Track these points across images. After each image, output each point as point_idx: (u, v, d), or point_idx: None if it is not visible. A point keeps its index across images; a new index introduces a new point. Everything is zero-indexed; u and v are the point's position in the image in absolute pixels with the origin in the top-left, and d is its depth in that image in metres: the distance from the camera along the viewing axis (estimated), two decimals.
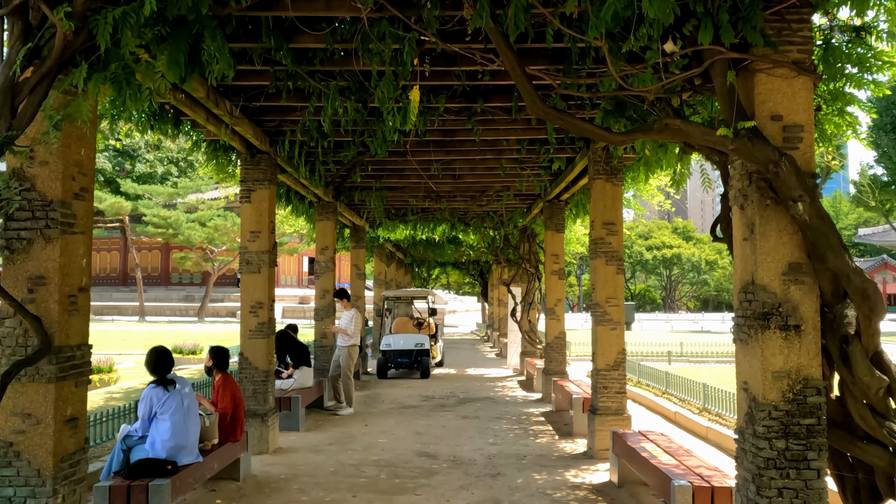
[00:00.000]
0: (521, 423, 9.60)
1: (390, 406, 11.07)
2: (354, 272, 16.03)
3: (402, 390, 13.03)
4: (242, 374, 7.74)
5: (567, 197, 11.44)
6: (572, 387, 9.74)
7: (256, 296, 7.78)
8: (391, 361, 15.25)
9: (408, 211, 13.69)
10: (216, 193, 45.25)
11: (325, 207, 11.84)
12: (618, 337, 7.69)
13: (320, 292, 11.94)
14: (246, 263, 7.83)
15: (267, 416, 7.66)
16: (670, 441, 6.12)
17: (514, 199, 12.59)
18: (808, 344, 3.60)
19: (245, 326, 7.78)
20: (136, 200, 44.99)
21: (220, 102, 6.13)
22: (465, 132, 7.91)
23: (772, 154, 3.34)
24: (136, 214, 45.47)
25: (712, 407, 9.31)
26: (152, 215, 43.14)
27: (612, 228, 7.75)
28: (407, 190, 11.61)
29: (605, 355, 7.65)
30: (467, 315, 55.95)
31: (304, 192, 10.81)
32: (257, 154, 7.85)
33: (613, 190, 7.78)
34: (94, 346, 4.14)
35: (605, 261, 7.72)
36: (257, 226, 7.84)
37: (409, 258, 27.90)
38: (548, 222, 11.87)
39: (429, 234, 16.96)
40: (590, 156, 7.92)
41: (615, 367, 7.65)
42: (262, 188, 7.86)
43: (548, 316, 11.87)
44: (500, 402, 11.52)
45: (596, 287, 7.74)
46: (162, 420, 5.23)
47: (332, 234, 11.89)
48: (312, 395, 9.81)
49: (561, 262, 11.87)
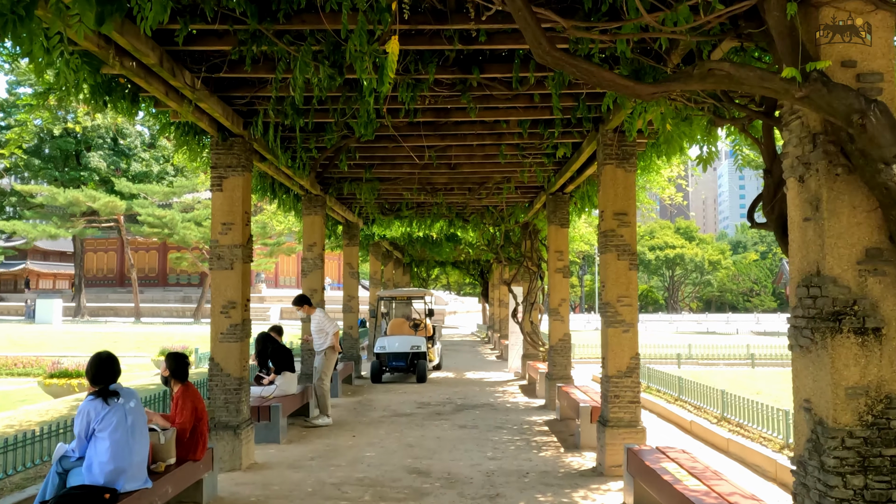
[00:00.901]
0: (522, 434, 8.81)
1: (382, 414, 10.28)
2: (347, 271, 15.25)
3: (396, 396, 12.24)
4: (213, 381, 6.95)
5: (572, 189, 10.65)
6: (578, 394, 8.95)
7: (229, 295, 7.00)
8: (385, 365, 14.46)
9: (402, 206, 12.91)
10: None
11: (313, 201, 11.06)
12: (631, 340, 6.90)
13: (308, 291, 11.14)
14: (217, 259, 7.05)
15: (240, 429, 6.87)
16: (694, 460, 5.32)
17: (515, 192, 11.80)
18: (892, 352, 2.81)
19: (216, 329, 7.00)
20: (131, 200, 44.26)
21: (178, 72, 5.35)
22: (460, 112, 7.12)
23: (856, 101, 2.55)
24: (132, 214, 44.75)
25: (732, 416, 8.51)
26: (147, 215, 42.35)
27: (624, 219, 6.96)
28: (400, 182, 10.83)
29: (617, 360, 6.86)
30: (468, 316, 55.16)
31: (290, 183, 10.03)
32: (230, 137, 7.07)
33: (625, 176, 6.99)
34: (80, 349, 3.36)
35: (617, 255, 6.93)
36: (230, 217, 7.06)
37: (407, 257, 27.13)
38: (551, 217, 11.09)
39: (426, 231, 16.19)
40: (599, 139, 7.13)
41: (628, 374, 6.86)
42: (236, 175, 7.08)
43: (551, 317, 11.08)
44: (501, 410, 10.73)
45: (606, 284, 6.95)
46: (100, 439, 4.45)
47: (320, 229, 11.11)
48: (295, 403, 9.02)
49: (565, 258, 11.09)
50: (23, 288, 65.97)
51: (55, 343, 25.93)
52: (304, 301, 9.44)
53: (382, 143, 8.21)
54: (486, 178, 10.83)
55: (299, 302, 9.44)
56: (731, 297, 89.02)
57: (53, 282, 70.07)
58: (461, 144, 8.65)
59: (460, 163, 9.71)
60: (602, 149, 7.03)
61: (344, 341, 15.14)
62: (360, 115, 6.35)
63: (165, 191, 44.40)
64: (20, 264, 69.35)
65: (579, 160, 8.54)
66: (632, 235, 6.98)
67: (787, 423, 7.12)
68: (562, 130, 7.61)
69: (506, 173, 10.31)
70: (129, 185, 43.27)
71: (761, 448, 7.21)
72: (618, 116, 6.45)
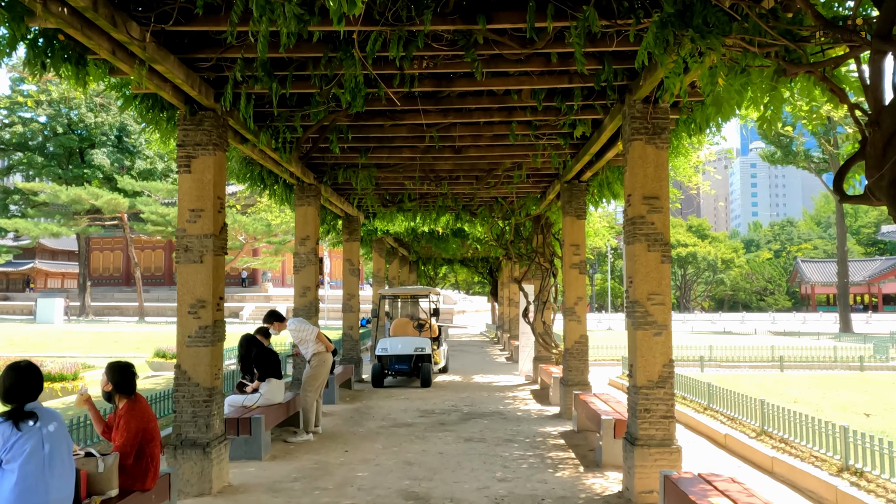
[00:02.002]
0: (536, 448, 7.84)
1: (381, 424, 9.34)
2: (348, 268, 14.33)
3: (398, 402, 11.30)
4: (179, 392, 6.03)
5: (589, 176, 9.66)
6: (599, 403, 7.97)
7: (198, 292, 6.07)
8: (387, 368, 13.52)
9: (404, 197, 11.96)
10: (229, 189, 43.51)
11: (306, 190, 10.13)
12: (663, 345, 5.92)
13: (300, 290, 10.22)
14: (184, 250, 6.12)
15: (210, 447, 5.94)
16: (750, 494, 4.34)
17: (526, 180, 10.83)
18: None
19: (183, 331, 6.07)
20: (135, 198, 43.57)
21: (121, 22, 4.43)
22: (464, 80, 6.17)
23: None
24: (136, 212, 44.07)
25: (774, 430, 7.49)
26: (150, 212, 41.65)
27: (655, 204, 5.98)
28: (400, 169, 9.88)
29: (647, 368, 5.88)
30: (477, 315, 54.19)
31: (279, 170, 9.11)
32: (199, 111, 6.15)
33: (657, 154, 6.01)
34: (78, 349, 2.44)
35: (647, 246, 5.95)
36: (199, 202, 6.13)
37: (413, 255, 26.19)
38: (566, 207, 10.10)
39: (431, 226, 15.26)
40: (625, 111, 6.15)
41: (660, 384, 5.88)
42: (206, 155, 6.15)
43: (566, 317, 10.10)
44: (511, 419, 9.76)
45: (634, 280, 5.97)
46: (8, 470, 3.53)
47: (314, 221, 10.17)
48: (281, 413, 8.09)
49: (582, 252, 10.10)
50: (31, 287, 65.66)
51: (53, 343, 25.16)
52: (273, 318, 8.34)
53: (377, 121, 7.27)
54: (495, 165, 9.86)
55: (269, 320, 8.37)
56: (745, 296, 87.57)
57: (62, 281, 69.78)
58: (466, 122, 7.69)
59: (466, 145, 8.74)
60: (629, 122, 6.05)
61: (343, 343, 14.22)
62: (346, 80, 5.40)
63: (169, 188, 43.64)
64: (28, 263, 69.17)
65: (600, 140, 7.56)
66: (664, 223, 6.00)
67: (847, 441, 6.11)
68: (581, 103, 6.63)
69: (517, 158, 9.34)
70: (133, 182, 42.57)
71: (814, 470, 6.21)
72: (650, 80, 5.48)
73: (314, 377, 8.50)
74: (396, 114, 7.18)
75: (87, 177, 45.96)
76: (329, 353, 8.61)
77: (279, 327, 8.36)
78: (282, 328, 8.40)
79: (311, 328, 8.44)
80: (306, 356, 8.55)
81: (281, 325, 8.37)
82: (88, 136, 46.97)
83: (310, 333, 8.41)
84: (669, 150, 6.17)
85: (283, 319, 8.41)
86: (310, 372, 8.52)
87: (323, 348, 8.49)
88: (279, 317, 8.39)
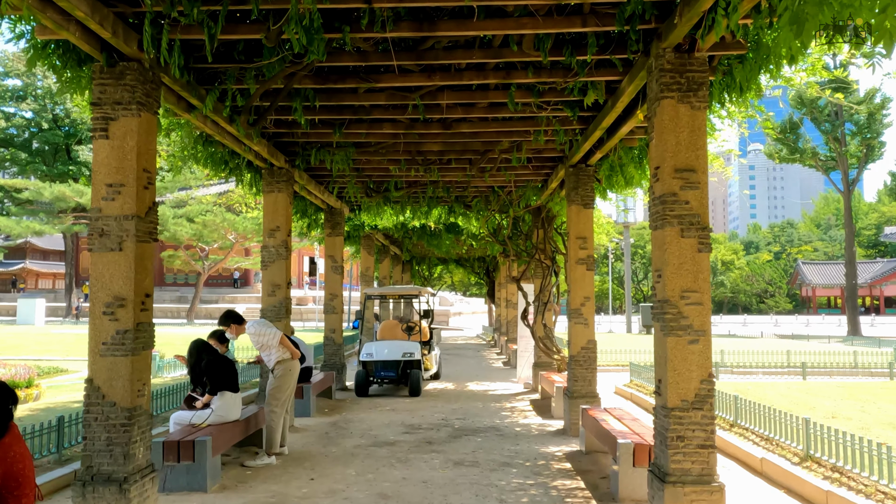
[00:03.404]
0: (538, 475, 6.61)
1: (358, 443, 8.10)
2: (330, 265, 13.08)
3: (382, 415, 10.06)
4: (90, 413, 4.79)
5: (598, 159, 8.45)
6: (612, 422, 6.74)
7: (115, 287, 4.83)
8: (373, 375, 12.28)
9: (391, 185, 10.72)
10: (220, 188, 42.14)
11: (276, 175, 8.89)
12: (701, 355, 4.70)
13: (268, 288, 8.99)
14: (98, 235, 4.88)
15: (129, 483, 4.70)
16: None
17: (526, 165, 9.62)
18: None
19: (95, 337, 4.83)
20: None
21: None
22: (451, 23, 4.94)
23: None
24: None
25: (823, 455, 6.26)
26: None
27: (691, 178, 4.77)
28: (382, 150, 8.64)
29: (681, 385, 4.66)
30: (474, 317, 52.98)
31: (242, 150, 7.89)
32: (120, 62, 4.92)
33: (692, 116, 4.80)
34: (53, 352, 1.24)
35: (680, 230, 4.74)
36: (119, 175, 4.89)
37: (406, 254, 24.93)
38: (571, 194, 8.88)
39: (422, 220, 14.03)
40: (651, 64, 4.94)
41: (697, 405, 4.65)
42: (129, 116, 4.92)
43: (572, 319, 8.88)
44: (509, 436, 8.53)
45: (664, 274, 4.75)
46: None
47: (284, 210, 8.93)
48: (236, 433, 6.85)
49: (590, 246, 8.88)
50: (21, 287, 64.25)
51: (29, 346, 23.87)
52: (230, 320, 7.07)
53: (348, 83, 6.02)
54: (491, 145, 8.63)
55: (225, 322, 7.08)
56: (745, 298, 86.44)
57: (53, 281, 68.44)
58: (456, 86, 6.45)
59: (456, 119, 7.51)
60: (657, 77, 4.83)
61: (325, 347, 12.98)
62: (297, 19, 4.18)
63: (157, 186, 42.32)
64: (19, 264, 67.92)
65: (615, 110, 6.35)
66: (702, 202, 4.78)
67: None
68: (596, 58, 5.41)
69: (516, 136, 8.11)
70: None
71: None
72: (688, 17, 4.27)
73: (279, 389, 7.26)
74: (371, 73, 5.95)
75: (74, 174, 44.61)
76: (295, 360, 7.37)
77: (237, 330, 7.12)
78: (240, 332, 7.15)
79: (273, 332, 7.19)
80: (269, 364, 7.31)
81: (239, 329, 7.13)
82: (75, 131, 45.63)
83: (272, 338, 7.16)
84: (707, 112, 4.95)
85: (241, 321, 7.17)
86: (274, 383, 7.28)
87: (288, 355, 7.25)
88: (237, 318, 7.16)
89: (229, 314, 7.12)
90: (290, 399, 7.45)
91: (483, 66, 5.86)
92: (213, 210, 40.32)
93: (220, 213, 39.75)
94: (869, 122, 35.37)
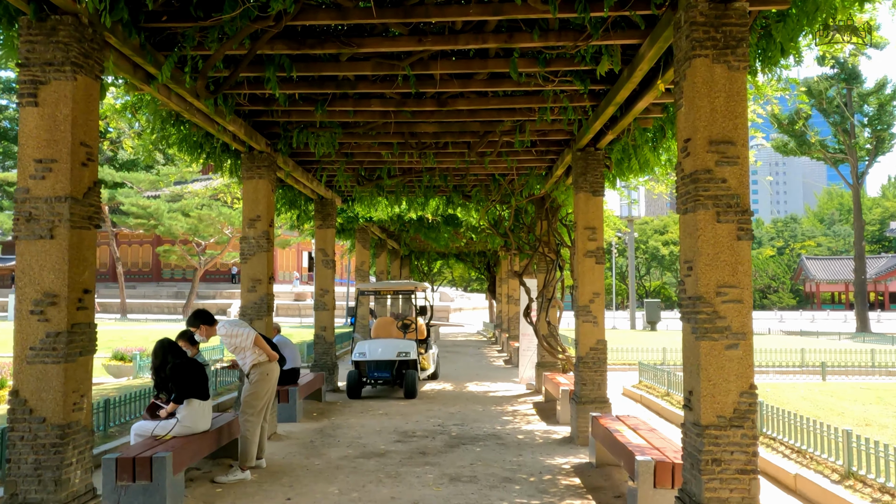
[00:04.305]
0: (544, 493, 5.87)
1: (345, 453, 7.36)
2: (321, 258, 12.34)
3: (374, 420, 9.32)
4: (15, 431, 4.04)
5: (610, 140, 7.68)
6: (628, 434, 6.00)
7: (46, 281, 4.08)
8: (366, 376, 11.53)
9: (383, 172, 9.95)
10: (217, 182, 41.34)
11: (256, 159, 8.12)
12: (741, 363, 3.94)
13: (248, 283, 8.24)
14: (26, 220, 4.13)
15: None
16: None
17: (530, 149, 8.85)
18: None
19: (22, 341, 4.07)
20: (115, 189, 41.45)
21: None
22: None
23: None
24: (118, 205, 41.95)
25: (868, 473, 5.50)
26: (130, 204, 39.57)
27: (729, 151, 4.01)
28: (372, 132, 7.88)
29: (718, 397, 3.91)
30: (474, 313, 52.22)
31: (215, 129, 7.13)
32: (52, 15, 4.15)
33: (729, 78, 4.03)
34: None
35: (715, 214, 3.98)
36: (49, 149, 4.13)
37: (404, 248, 24.17)
38: (580, 181, 8.11)
39: (419, 211, 13.27)
40: (680, 18, 4.17)
41: (737, 422, 3.90)
42: (62, 79, 4.15)
43: (580, 317, 8.12)
44: (511, 445, 7.79)
45: (696, 265, 3.99)
46: None
47: (266, 198, 8.17)
48: (206, 445, 6.10)
49: (599, 237, 8.12)
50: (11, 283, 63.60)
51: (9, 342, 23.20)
52: (199, 320, 6.32)
53: (327, 48, 5.25)
54: (491, 126, 7.86)
55: (194, 323, 6.33)
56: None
57: None
58: (451, 52, 5.69)
59: (452, 93, 6.73)
60: (687, 33, 4.06)
61: (315, 346, 12.25)
62: None
63: (152, 179, 41.58)
64: None
65: (632, 80, 5.58)
66: (741, 180, 4.02)
67: None
68: (614, 14, 4.63)
69: (519, 116, 7.33)
70: (113, 172, 40.52)
71: None
72: None
73: (254, 396, 6.50)
74: (353, 36, 5.18)
75: None
76: (273, 363, 6.61)
77: (207, 332, 6.37)
78: (211, 333, 6.40)
79: (246, 332, 6.42)
80: (244, 368, 6.57)
81: (210, 330, 6.37)
82: None
83: (245, 339, 6.40)
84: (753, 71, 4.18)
85: (212, 322, 6.42)
86: (249, 389, 6.52)
87: (264, 357, 6.49)
88: (207, 318, 6.41)
89: (199, 314, 6.37)
90: (268, 406, 6.70)
91: (481, 27, 5.08)
92: (209, 204, 39.56)
93: (216, 207, 39.00)
94: (879, 114, 34.53)
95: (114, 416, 7.43)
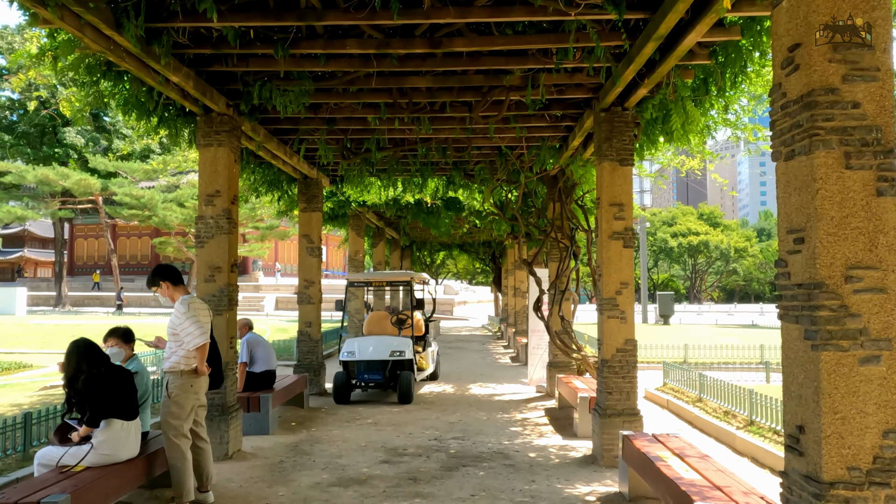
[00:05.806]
0: None
1: (319, 478, 6.01)
2: (305, 245, 10.98)
3: (359, 432, 7.97)
4: None
5: (643, 96, 6.27)
6: (675, 464, 4.62)
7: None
8: (355, 378, 10.18)
9: (371, 144, 8.55)
10: None
11: (215, 124, 6.74)
12: (885, 385, 2.55)
13: (206, 271, 6.88)
14: None
15: None
16: None
17: (543, 114, 7.44)
18: None
19: None
20: (108, 179, 40.14)
21: None
22: None
23: None
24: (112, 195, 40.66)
25: None
26: (123, 194, 38.25)
27: (861, 62, 2.61)
28: (351, 84, 6.47)
29: (849, 439, 2.52)
30: (479, 306, 50.84)
31: (156, 82, 5.76)
32: None
33: None
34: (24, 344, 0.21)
35: (843, 156, 2.59)
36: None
37: (404, 237, 22.76)
38: (604, 147, 6.71)
39: (416, 194, 11.90)
40: None
41: (880, 478, 2.51)
42: None
43: (604, 311, 6.72)
44: (521, 466, 6.43)
45: (811, 236, 2.60)
46: None
47: (227, 169, 6.80)
48: (132, 477, 4.74)
49: (628, 215, 6.72)
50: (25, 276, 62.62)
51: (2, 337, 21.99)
52: (160, 276, 5.03)
53: None
54: (497, 80, 6.45)
55: (153, 281, 5.06)
56: (758, 286, 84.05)
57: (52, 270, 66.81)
58: None
59: (448, 29, 5.31)
60: None
61: (298, 344, 10.90)
62: None
63: (146, 169, 40.20)
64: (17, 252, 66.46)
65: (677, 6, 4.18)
66: (883, 105, 2.62)
67: None
68: None
69: (532, 62, 5.91)
70: (106, 162, 39.22)
71: None
72: None
73: (173, 415, 4.95)
74: None
75: (60, 157, 42.56)
76: (201, 377, 5.13)
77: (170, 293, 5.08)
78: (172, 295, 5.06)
79: (198, 328, 4.92)
80: (164, 363, 5.10)
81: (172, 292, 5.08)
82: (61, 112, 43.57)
83: (193, 336, 4.93)
84: None
85: (178, 281, 5.12)
86: (168, 405, 5.04)
87: (193, 364, 5.03)
88: (172, 275, 5.12)
89: (160, 268, 5.08)
90: (199, 422, 5.25)
91: None
92: None
93: None
94: None
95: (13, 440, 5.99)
